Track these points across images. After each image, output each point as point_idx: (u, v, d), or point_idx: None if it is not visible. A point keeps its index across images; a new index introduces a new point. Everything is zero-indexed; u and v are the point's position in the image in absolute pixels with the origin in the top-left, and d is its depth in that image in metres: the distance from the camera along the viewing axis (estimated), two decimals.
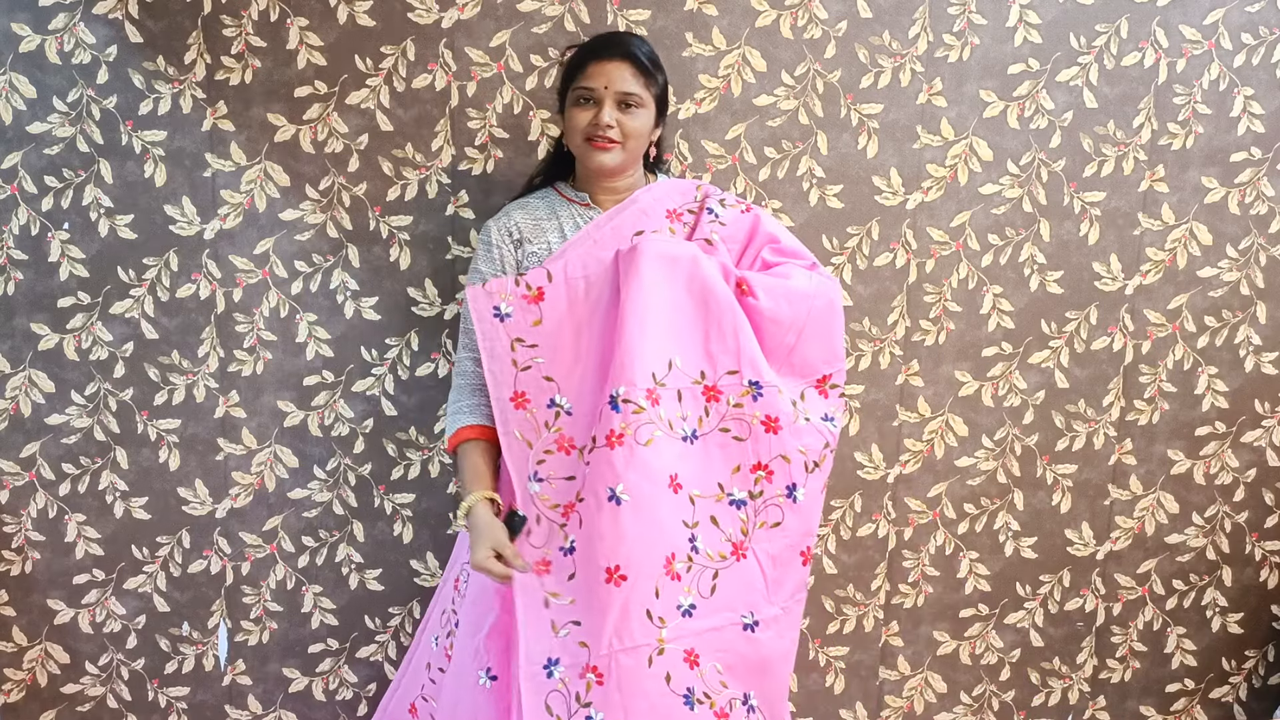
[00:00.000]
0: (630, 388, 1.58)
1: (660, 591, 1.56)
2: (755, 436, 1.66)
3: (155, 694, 2.19)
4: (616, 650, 1.55)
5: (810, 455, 1.69)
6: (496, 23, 2.02)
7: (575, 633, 1.58)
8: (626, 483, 1.56)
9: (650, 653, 1.55)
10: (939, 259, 2.17)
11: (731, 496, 1.65)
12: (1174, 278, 2.22)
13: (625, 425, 1.57)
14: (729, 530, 1.64)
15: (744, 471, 1.66)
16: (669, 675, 1.56)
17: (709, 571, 1.62)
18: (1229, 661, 2.39)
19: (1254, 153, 2.18)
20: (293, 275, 2.07)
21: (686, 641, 1.58)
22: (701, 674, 1.59)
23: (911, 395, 2.22)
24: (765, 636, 1.66)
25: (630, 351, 1.59)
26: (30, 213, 2.01)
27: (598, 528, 1.56)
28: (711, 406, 1.65)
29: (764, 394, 1.66)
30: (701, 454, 1.64)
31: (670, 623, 1.57)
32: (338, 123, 2.02)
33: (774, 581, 1.68)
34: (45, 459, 2.09)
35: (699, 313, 1.65)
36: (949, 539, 2.28)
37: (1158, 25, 2.12)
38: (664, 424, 1.60)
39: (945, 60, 2.11)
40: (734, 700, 1.63)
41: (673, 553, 1.58)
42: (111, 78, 1.98)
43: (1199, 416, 2.28)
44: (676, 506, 1.60)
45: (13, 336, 2.05)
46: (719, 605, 1.62)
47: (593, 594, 1.56)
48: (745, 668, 1.64)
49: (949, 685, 2.35)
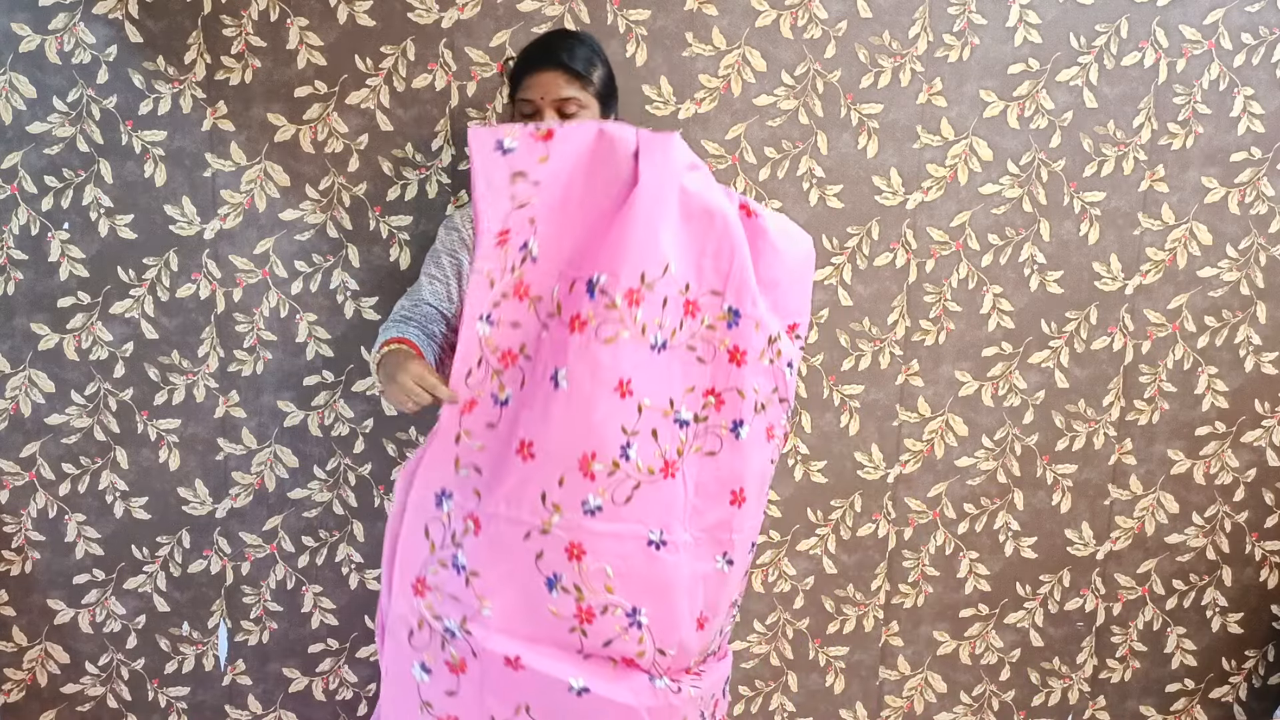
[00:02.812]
0: (613, 280, 1.52)
1: (565, 481, 1.53)
2: (718, 363, 1.62)
3: (155, 694, 2.19)
4: (501, 514, 1.54)
5: (761, 396, 1.65)
6: (496, 23, 2.02)
7: (473, 478, 1.56)
8: (571, 371, 1.51)
9: (532, 529, 1.54)
10: (939, 259, 2.17)
11: (678, 415, 1.60)
12: (1174, 278, 2.22)
13: (592, 314, 1.51)
14: (665, 446, 1.59)
15: (697, 393, 1.62)
16: (541, 553, 1.55)
17: (630, 482, 1.56)
18: (1229, 661, 2.39)
19: (1254, 153, 2.18)
20: (293, 275, 2.07)
21: (577, 536, 1.55)
22: (581, 569, 1.55)
23: (911, 395, 2.22)
24: (669, 559, 1.61)
25: (628, 242, 1.52)
26: (30, 212, 2.01)
27: (533, 398, 1.54)
28: (686, 321, 1.60)
29: (739, 324, 1.62)
30: (664, 366, 1.58)
31: (565, 513, 1.54)
32: (338, 123, 2.03)
33: (694, 509, 1.64)
34: (45, 459, 2.09)
35: (703, 225, 1.59)
36: (949, 539, 2.28)
37: (1158, 25, 2.12)
38: (636, 327, 1.54)
39: (945, 60, 2.10)
40: (614, 607, 1.58)
41: (593, 452, 1.54)
42: (111, 78, 1.98)
43: (1199, 416, 2.28)
44: (616, 410, 1.55)
45: (13, 336, 2.05)
46: (629, 515, 1.57)
47: (502, 455, 1.54)
48: (640, 583, 1.59)
49: (949, 685, 2.35)
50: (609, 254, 1.53)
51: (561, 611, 1.56)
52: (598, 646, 1.58)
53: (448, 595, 1.57)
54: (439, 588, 1.58)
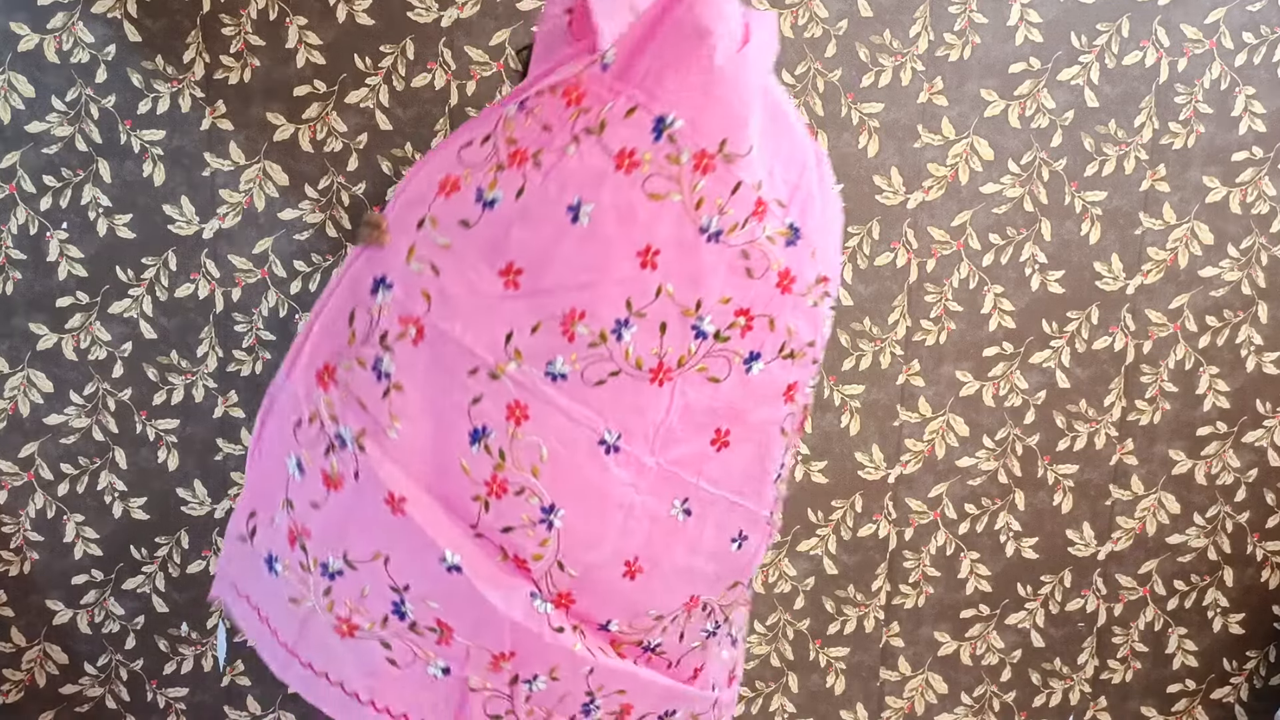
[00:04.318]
0: (689, 131, 1.29)
1: (539, 330, 1.32)
2: (765, 282, 1.38)
3: (154, 695, 2.19)
4: (454, 335, 1.33)
5: (793, 341, 1.43)
6: (496, 22, 2.02)
7: (426, 278, 1.33)
8: (598, 210, 1.29)
9: (481, 367, 1.33)
10: (940, 258, 2.17)
11: (699, 321, 1.37)
12: (1175, 277, 2.22)
13: (648, 158, 1.30)
14: (669, 348, 1.36)
15: (730, 308, 1.38)
16: (479, 398, 1.34)
17: (609, 365, 1.34)
18: (1230, 662, 2.39)
19: (1255, 152, 2.18)
20: (292, 275, 2.07)
21: (526, 397, 1.34)
22: (515, 434, 1.35)
23: (912, 395, 2.21)
24: (615, 471, 1.38)
25: (717, 96, 1.29)
26: (29, 212, 2.01)
27: (535, 219, 1.31)
28: (751, 221, 1.35)
29: (798, 245, 1.39)
30: (707, 259, 1.35)
31: (525, 365, 1.33)
32: (337, 122, 2.02)
33: (669, 432, 1.40)
34: (44, 459, 2.09)
35: (780, 128, 1.40)
36: (950, 539, 2.28)
37: (1159, 24, 2.12)
38: (692, 197, 1.32)
39: (946, 59, 2.10)
40: (531, 493, 1.37)
41: (583, 311, 1.32)
42: (110, 77, 1.98)
43: (1200, 416, 2.27)
44: (631, 278, 1.33)
45: (11, 336, 2.04)
46: (592, 401, 1.35)
47: (473, 267, 1.32)
48: (572, 480, 1.37)
49: (950, 686, 2.34)
50: (693, 99, 1.29)
51: (473, 471, 1.35)
52: (494, 528, 1.36)
53: (354, 398, 1.34)
54: (347, 386, 1.35)
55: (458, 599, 1.35)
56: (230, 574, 1.52)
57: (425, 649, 1.39)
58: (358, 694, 1.42)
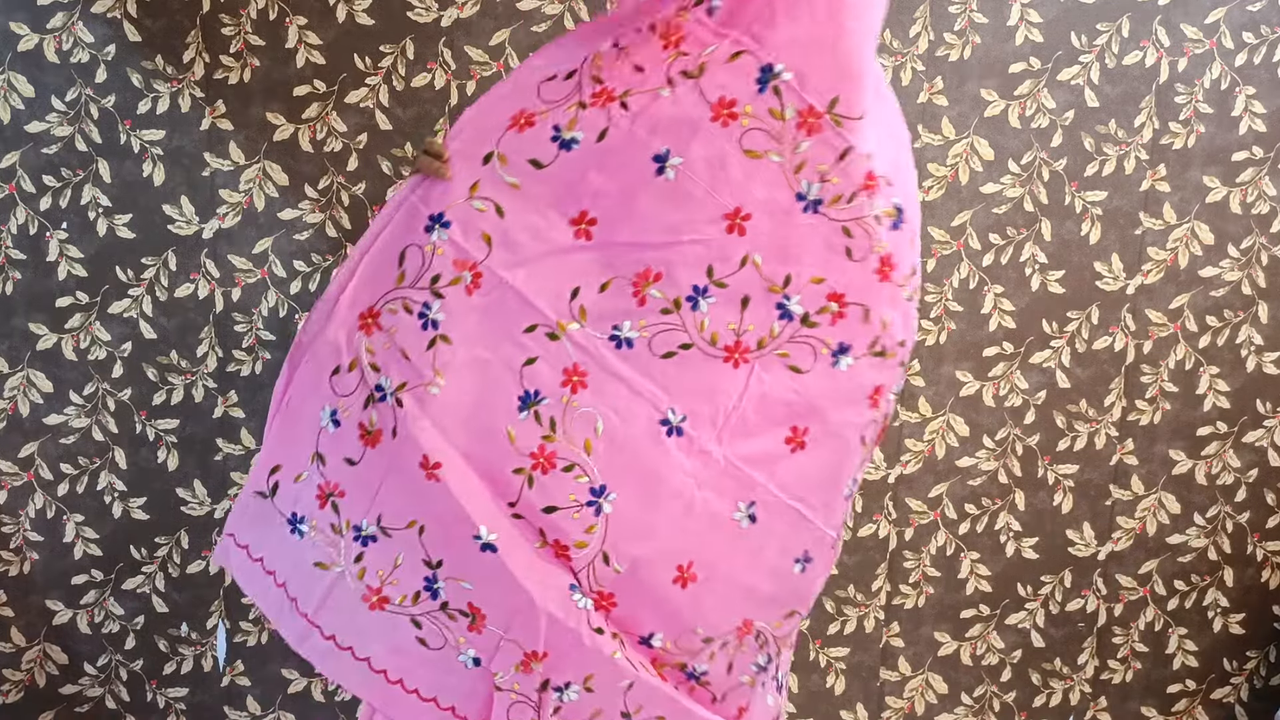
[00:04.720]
0: (798, 83, 1.17)
1: (608, 288, 1.22)
2: (865, 267, 1.24)
3: (154, 695, 2.18)
4: (516, 285, 1.23)
5: (885, 338, 1.27)
6: (496, 22, 2.01)
7: (490, 220, 1.22)
8: (687, 163, 1.19)
9: (541, 325, 1.23)
10: (940, 258, 2.17)
11: (785, 300, 1.24)
12: (1175, 277, 2.22)
13: (749, 110, 1.19)
14: (749, 325, 1.23)
15: (821, 290, 1.24)
16: (534, 359, 1.24)
17: (680, 337, 1.23)
18: (1230, 662, 2.39)
19: (1256, 152, 2.18)
20: (292, 275, 2.07)
21: (586, 362, 1.23)
22: (569, 403, 1.23)
23: (912, 395, 2.21)
24: (676, 455, 1.25)
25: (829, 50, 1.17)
26: (28, 212, 2.01)
27: (615, 167, 1.20)
28: (859, 196, 1.21)
29: (901, 229, 1.25)
30: (800, 232, 1.22)
31: (589, 327, 1.23)
32: (337, 122, 2.02)
33: (741, 421, 1.26)
34: (43, 459, 2.09)
35: (883, 102, 1.29)
36: (950, 539, 2.27)
37: (1159, 24, 2.12)
38: (793, 160, 1.19)
39: (946, 59, 2.10)
40: (582, 471, 1.26)
41: (659, 273, 1.22)
42: (110, 77, 1.98)
43: (1200, 416, 2.27)
44: (715, 242, 1.21)
45: (11, 336, 2.04)
46: (657, 375, 1.24)
47: (541, 214, 1.22)
48: (627, 460, 1.26)
49: (950, 686, 2.34)
50: (805, 51, 1.17)
51: (519, 440, 1.24)
52: (536, 507, 1.25)
53: (398, 348, 1.25)
54: (391, 333, 1.25)
55: (491, 583, 1.25)
56: (240, 531, 1.39)
57: (457, 634, 1.29)
58: (386, 671, 1.31)
